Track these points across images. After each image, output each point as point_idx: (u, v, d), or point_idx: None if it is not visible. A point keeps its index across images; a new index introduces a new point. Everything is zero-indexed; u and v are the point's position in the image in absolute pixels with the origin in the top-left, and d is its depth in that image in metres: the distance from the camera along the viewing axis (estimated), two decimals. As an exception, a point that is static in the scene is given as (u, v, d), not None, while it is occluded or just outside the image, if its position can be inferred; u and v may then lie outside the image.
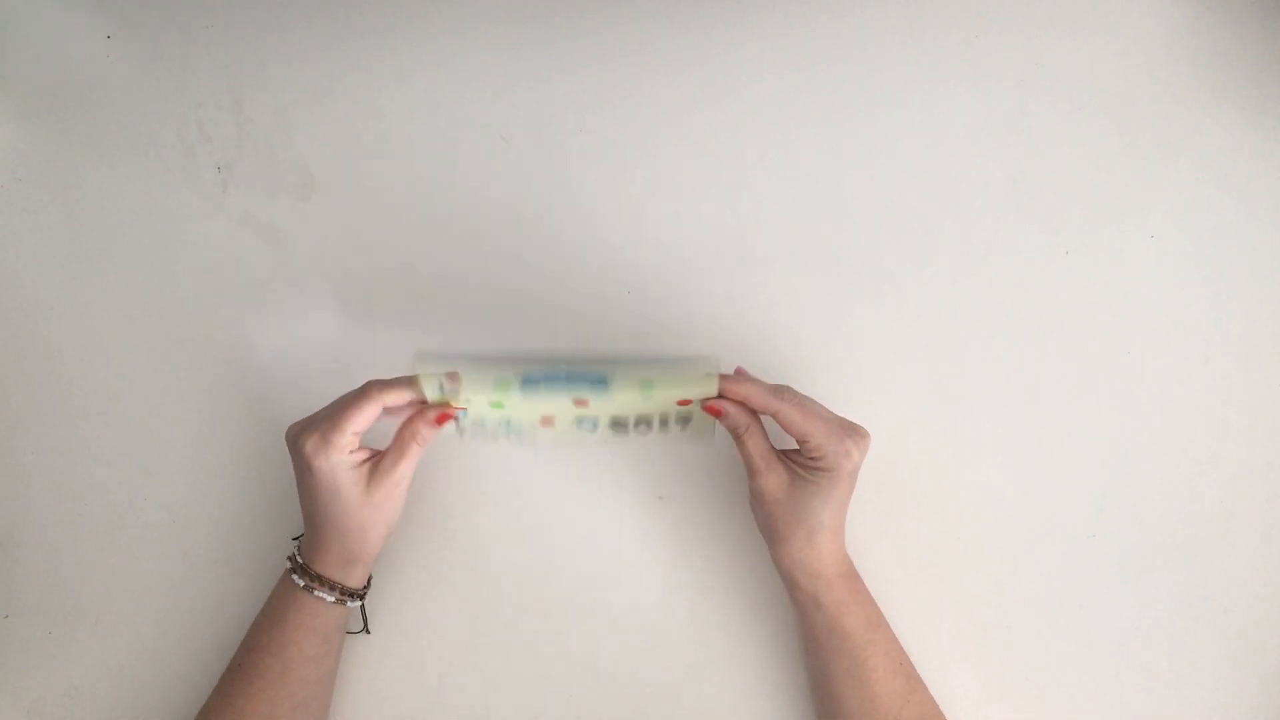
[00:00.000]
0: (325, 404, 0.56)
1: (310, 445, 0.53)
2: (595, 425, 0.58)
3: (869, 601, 0.56)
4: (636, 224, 0.65)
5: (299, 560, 0.57)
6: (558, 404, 0.56)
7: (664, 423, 0.58)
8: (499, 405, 0.56)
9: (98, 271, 0.66)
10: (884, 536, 0.61)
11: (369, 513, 0.55)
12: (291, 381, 0.65)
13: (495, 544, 0.63)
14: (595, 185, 0.65)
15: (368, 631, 0.61)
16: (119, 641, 0.63)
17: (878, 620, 0.56)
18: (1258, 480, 0.60)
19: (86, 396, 0.65)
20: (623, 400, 0.56)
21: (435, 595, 0.63)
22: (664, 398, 0.56)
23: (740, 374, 0.56)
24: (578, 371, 0.56)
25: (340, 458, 0.54)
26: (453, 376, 0.55)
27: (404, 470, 0.56)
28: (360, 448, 0.56)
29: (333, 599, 0.56)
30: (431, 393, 0.55)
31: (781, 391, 0.54)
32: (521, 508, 0.63)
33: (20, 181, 0.67)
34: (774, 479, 0.55)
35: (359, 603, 0.58)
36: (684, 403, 0.56)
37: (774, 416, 0.54)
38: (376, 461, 0.56)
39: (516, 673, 0.62)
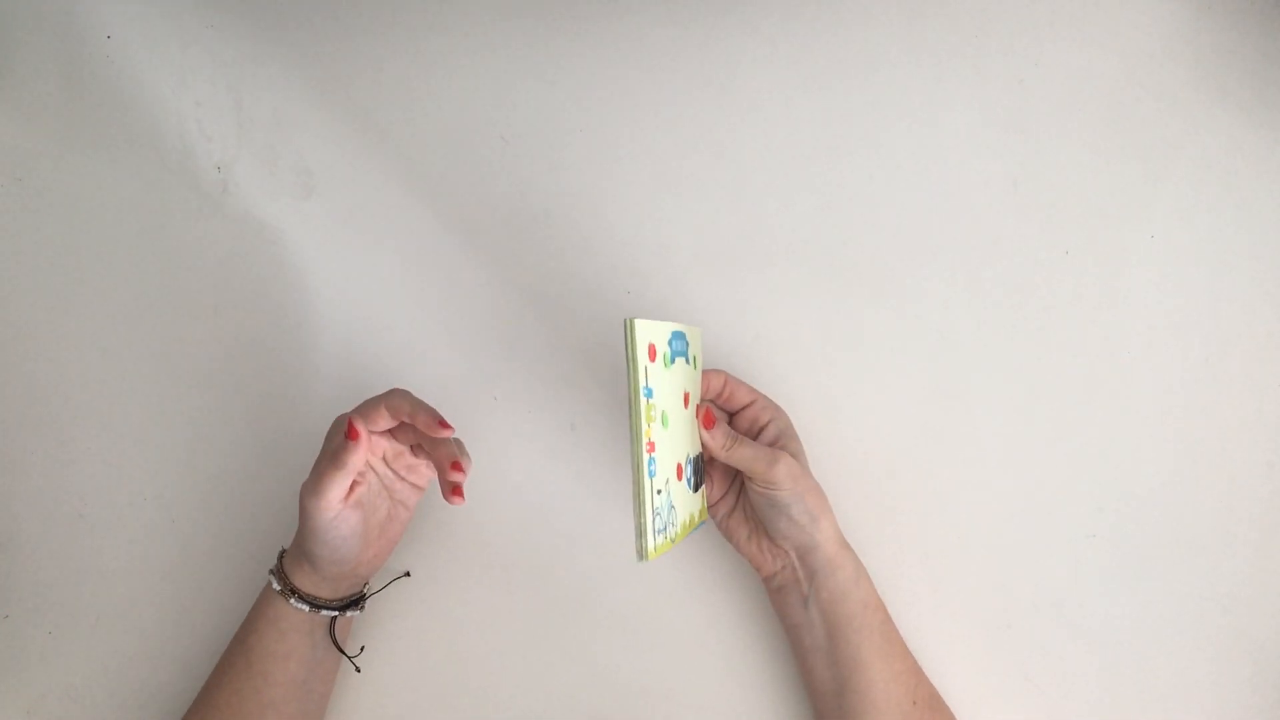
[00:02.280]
0: (323, 404, 0.56)
1: (305, 489, 0.52)
2: (690, 475, 0.51)
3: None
4: (636, 224, 0.65)
5: (282, 550, 0.57)
6: (679, 406, 0.51)
7: (700, 470, 0.55)
8: (666, 421, 0.47)
9: (98, 271, 0.66)
10: (884, 536, 0.61)
11: (360, 549, 0.54)
12: (291, 381, 0.65)
13: (495, 544, 0.63)
14: (595, 185, 0.65)
15: (355, 664, 0.60)
16: (119, 641, 0.63)
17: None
18: (1258, 480, 0.60)
19: (86, 396, 0.65)
20: (693, 378, 0.54)
21: (431, 595, 0.63)
22: (694, 381, 0.55)
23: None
24: (675, 331, 0.50)
25: (328, 517, 0.52)
26: (651, 350, 0.45)
27: (330, 487, 0.51)
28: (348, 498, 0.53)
29: (278, 588, 0.55)
30: (639, 376, 0.45)
31: (718, 371, 0.58)
32: (521, 508, 0.63)
33: (20, 181, 0.67)
34: (789, 455, 0.55)
35: (303, 605, 0.55)
36: (685, 399, 0.55)
37: (723, 388, 0.58)
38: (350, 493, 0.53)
39: (515, 672, 0.62)
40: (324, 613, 0.56)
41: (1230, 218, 0.62)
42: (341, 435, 0.51)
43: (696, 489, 0.55)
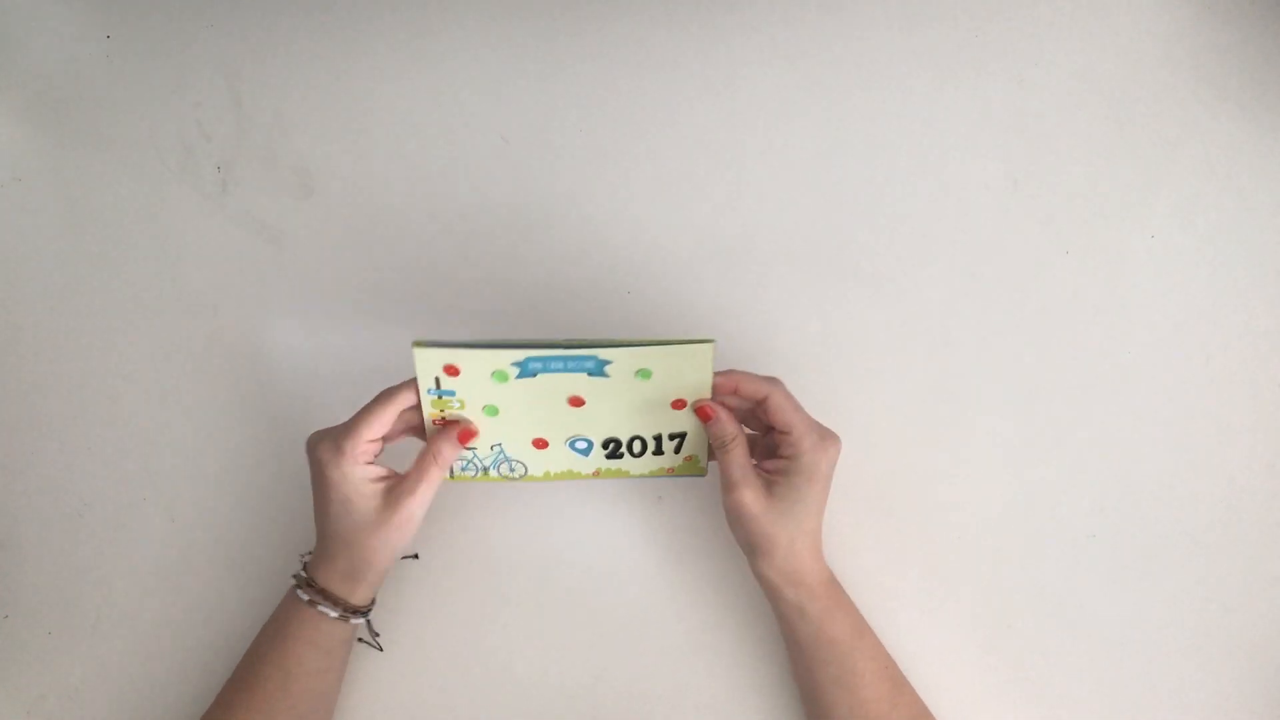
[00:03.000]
0: (324, 403, 0.56)
1: (324, 452, 0.53)
2: (589, 447, 0.57)
3: (852, 608, 0.56)
4: (636, 224, 0.65)
5: (304, 574, 0.56)
6: (552, 406, 0.55)
7: (658, 444, 0.57)
8: (493, 411, 0.55)
9: (98, 271, 0.66)
10: (883, 536, 0.61)
11: (381, 533, 0.54)
12: (292, 381, 0.65)
13: (494, 545, 0.63)
14: (595, 185, 0.65)
15: (379, 649, 0.61)
16: (119, 641, 0.63)
17: (862, 626, 0.56)
18: (1258, 480, 0.60)
19: (87, 396, 0.65)
20: (618, 392, 0.54)
21: (433, 596, 0.63)
22: (660, 390, 0.55)
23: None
24: (575, 356, 0.53)
25: (353, 468, 0.53)
26: (450, 369, 0.53)
27: (422, 493, 0.54)
28: (378, 465, 0.54)
29: (335, 615, 0.55)
30: (426, 381, 0.53)
31: (774, 379, 0.55)
32: (521, 509, 0.63)
33: (20, 181, 0.67)
34: (751, 493, 0.54)
35: (362, 619, 0.57)
36: (678, 405, 0.55)
37: (764, 403, 0.54)
38: (395, 484, 0.54)
39: (514, 673, 0.62)
40: (355, 619, 0.56)
41: (1230, 218, 0.62)
42: (374, 404, 0.54)
43: (652, 452, 0.58)
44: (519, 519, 0.63)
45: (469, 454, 0.57)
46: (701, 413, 0.55)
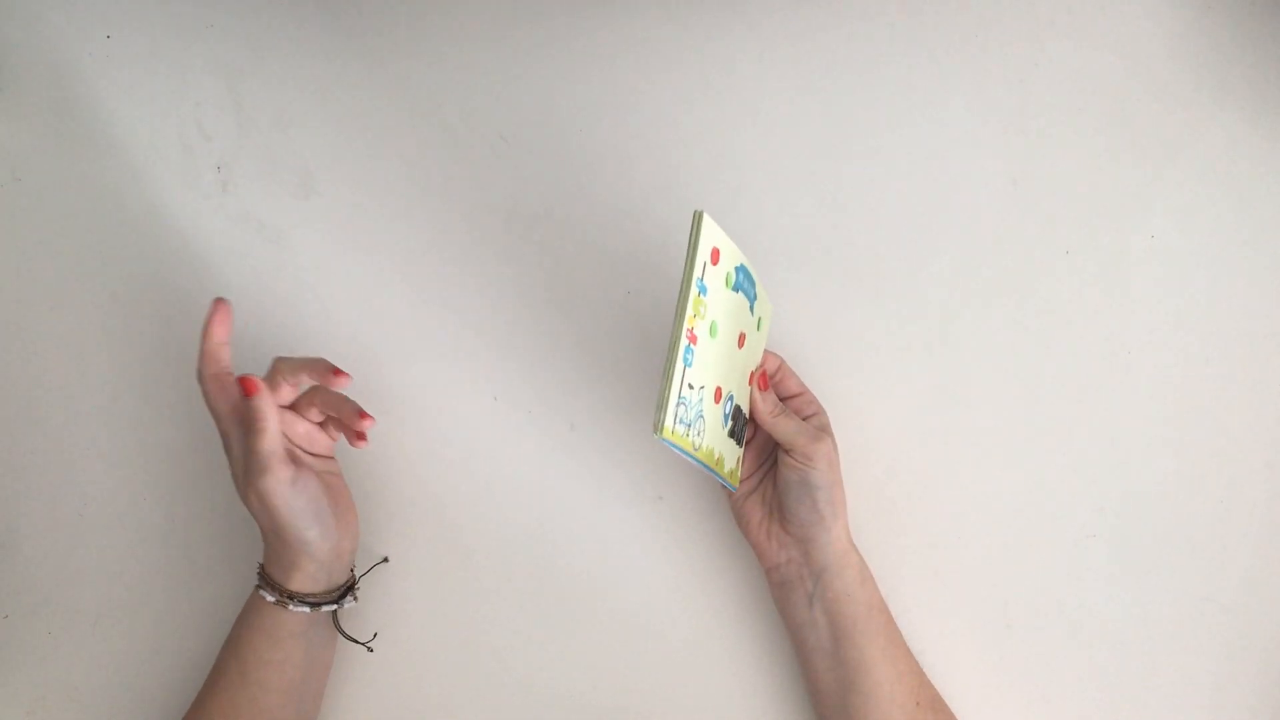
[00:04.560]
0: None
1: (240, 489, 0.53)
2: (729, 415, 0.51)
3: None
4: (636, 224, 0.65)
5: (260, 566, 0.57)
6: (731, 342, 0.50)
7: (741, 429, 0.55)
8: (714, 331, 0.47)
9: (97, 271, 0.66)
10: (884, 536, 0.61)
11: (261, 513, 0.53)
12: (291, 381, 0.65)
13: (493, 545, 0.63)
14: (595, 185, 0.65)
15: (369, 649, 0.61)
16: (119, 641, 0.63)
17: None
18: (1258, 480, 0.60)
19: (86, 396, 0.65)
20: (752, 343, 0.54)
21: (432, 597, 0.63)
22: (757, 351, 0.56)
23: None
24: (748, 273, 0.51)
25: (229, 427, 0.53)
26: (715, 254, 0.45)
27: (255, 444, 0.51)
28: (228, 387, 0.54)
29: (272, 599, 0.54)
30: (700, 262, 0.45)
31: (771, 353, 0.58)
32: (520, 508, 0.63)
33: (20, 181, 0.67)
34: (831, 441, 0.55)
35: (304, 608, 0.55)
36: (752, 380, 0.56)
37: (778, 370, 0.58)
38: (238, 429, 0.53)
39: (513, 673, 0.62)
40: (324, 609, 0.56)
41: (1230, 218, 0.62)
42: (245, 406, 0.52)
43: (733, 437, 0.54)
44: (517, 518, 0.63)
45: (686, 396, 0.46)
46: (763, 380, 0.56)
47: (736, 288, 0.50)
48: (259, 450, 0.51)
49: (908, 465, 0.62)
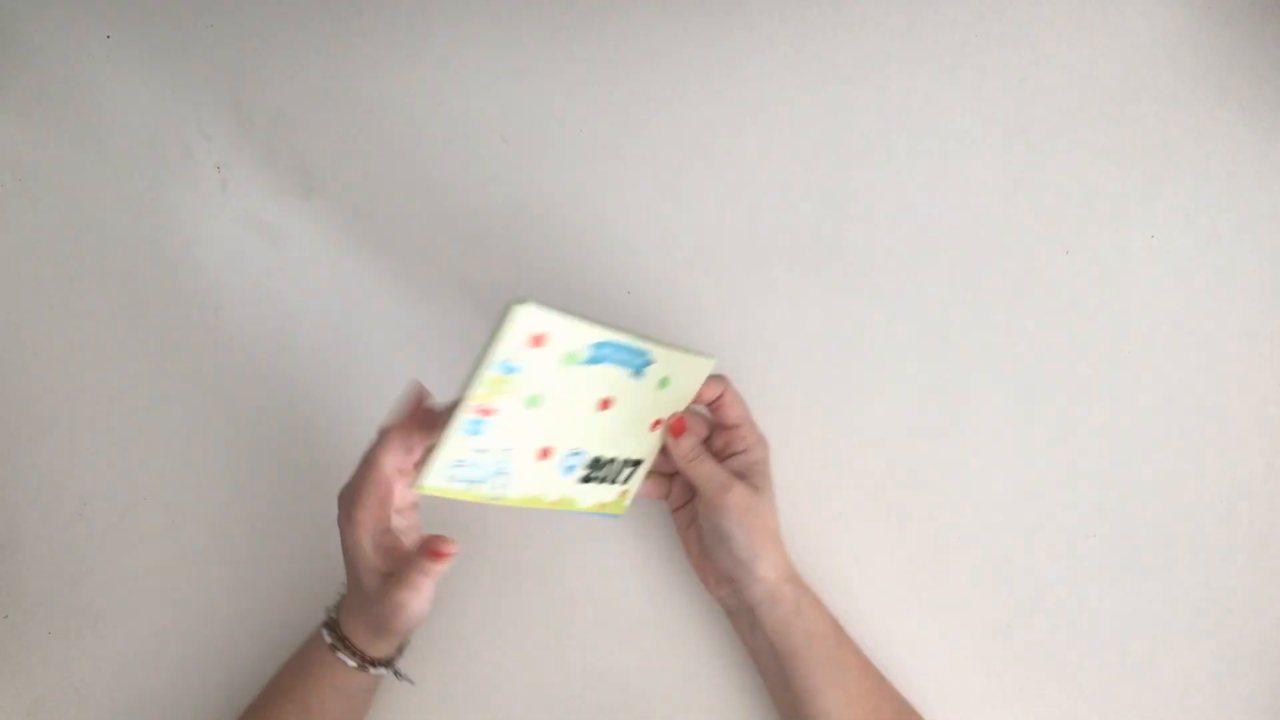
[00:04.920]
0: (323, 404, 0.56)
1: (342, 514, 0.50)
2: (575, 466, 0.53)
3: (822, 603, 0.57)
4: (636, 224, 0.65)
5: (333, 615, 0.55)
6: (583, 406, 0.51)
7: (619, 471, 0.56)
8: (535, 402, 0.48)
9: (98, 271, 0.66)
10: (884, 536, 0.61)
11: (383, 609, 0.51)
12: (291, 381, 0.65)
13: (493, 545, 0.63)
14: (595, 184, 0.65)
15: (411, 682, 0.59)
16: (119, 641, 0.63)
17: (836, 621, 0.56)
18: (1258, 480, 0.60)
19: (87, 396, 0.65)
20: (635, 402, 0.54)
21: (436, 598, 0.62)
22: (660, 405, 0.55)
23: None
24: (637, 348, 0.50)
25: (363, 539, 0.50)
26: (538, 339, 0.46)
27: (407, 598, 0.50)
28: (392, 538, 0.51)
29: (354, 664, 0.54)
30: (505, 352, 0.45)
31: (721, 377, 0.57)
32: (518, 513, 0.63)
33: (20, 181, 0.67)
34: (743, 487, 0.54)
35: (384, 670, 0.55)
36: (655, 425, 0.56)
37: (717, 401, 0.56)
38: (393, 572, 0.51)
39: (514, 673, 0.62)
40: (375, 670, 0.55)
41: (1230, 218, 0.62)
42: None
43: (594, 481, 0.55)
44: (516, 518, 0.63)
45: (469, 459, 0.49)
46: (677, 425, 0.56)
47: (594, 361, 0.50)
48: (409, 612, 0.50)
49: (908, 465, 0.62)
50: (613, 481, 0.57)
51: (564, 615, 0.62)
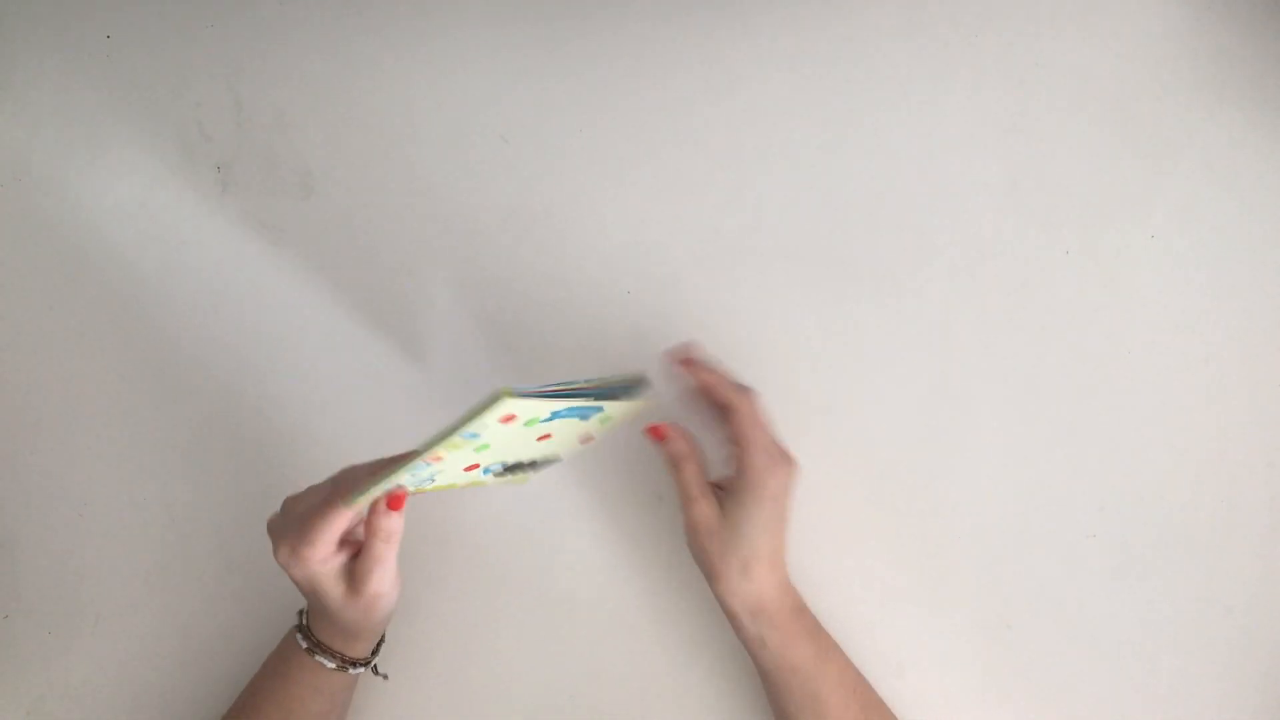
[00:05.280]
0: (323, 404, 0.56)
1: (283, 556, 0.50)
2: (496, 468, 0.55)
3: (818, 632, 0.55)
4: (636, 224, 0.65)
5: (304, 621, 0.55)
6: (525, 439, 0.52)
7: (534, 465, 0.57)
8: (484, 447, 0.51)
9: (98, 271, 0.66)
10: (883, 536, 0.61)
11: (356, 610, 0.52)
12: (291, 381, 0.65)
13: (493, 545, 0.63)
14: (595, 185, 0.65)
15: (384, 677, 0.60)
16: (119, 641, 0.63)
17: (827, 651, 0.54)
18: (1258, 480, 0.60)
19: (87, 396, 0.65)
20: (580, 426, 0.54)
21: (430, 597, 0.63)
22: (603, 426, 0.57)
23: (691, 360, 0.56)
24: (590, 408, 0.51)
25: (314, 569, 0.50)
26: (508, 418, 0.48)
27: (378, 574, 0.51)
28: (340, 547, 0.51)
29: (333, 665, 0.54)
30: (477, 426, 0.47)
31: (747, 390, 0.55)
32: (518, 508, 0.63)
33: (20, 181, 0.67)
34: (706, 506, 0.54)
35: (363, 669, 0.56)
36: (585, 440, 0.57)
37: (729, 410, 0.54)
38: (354, 567, 0.51)
39: (514, 673, 0.62)
40: (354, 669, 0.56)
41: (1231, 217, 0.62)
42: (328, 509, 0.50)
43: (515, 471, 0.57)
44: (516, 518, 0.63)
45: (417, 471, 0.50)
46: (654, 433, 0.56)
47: (551, 419, 0.51)
48: (376, 565, 0.51)
49: (907, 465, 0.62)
50: (534, 469, 0.58)
51: (557, 615, 0.62)
